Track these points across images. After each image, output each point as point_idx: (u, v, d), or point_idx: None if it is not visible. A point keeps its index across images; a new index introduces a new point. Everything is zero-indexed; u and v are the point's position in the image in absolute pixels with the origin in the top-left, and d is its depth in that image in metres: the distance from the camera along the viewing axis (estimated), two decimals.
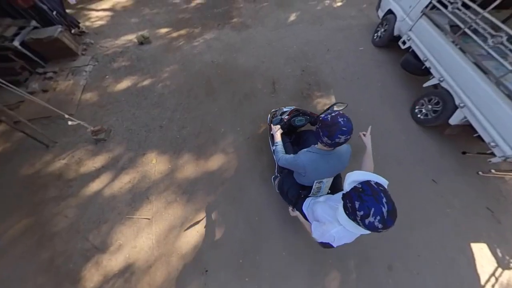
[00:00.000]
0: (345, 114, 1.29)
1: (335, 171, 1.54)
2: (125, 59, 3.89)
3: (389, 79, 3.67)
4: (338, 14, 4.93)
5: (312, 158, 1.46)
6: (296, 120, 2.10)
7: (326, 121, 1.27)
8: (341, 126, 1.22)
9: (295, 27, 4.64)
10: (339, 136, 1.24)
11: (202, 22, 4.79)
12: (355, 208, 0.94)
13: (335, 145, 1.31)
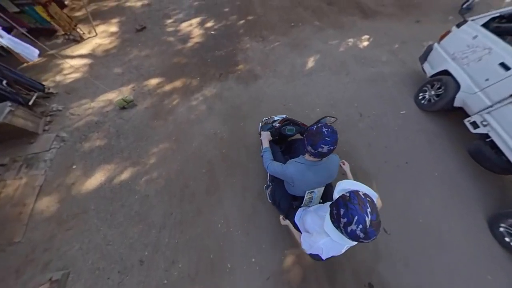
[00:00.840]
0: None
1: (323, 181, 1.53)
2: (100, 136, 3.01)
3: (449, 165, 2.77)
4: (365, 57, 4.06)
5: (300, 168, 1.45)
6: (287, 129, 2.03)
7: (311, 131, 1.30)
8: (325, 136, 1.23)
9: (315, 77, 3.77)
10: (322, 146, 1.24)
11: (200, 70, 3.93)
12: (339, 215, 0.94)
13: (319, 154, 1.30)
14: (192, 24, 4.85)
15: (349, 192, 0.98)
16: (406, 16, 4.92)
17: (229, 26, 4.76)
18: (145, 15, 4.96)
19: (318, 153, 1.27)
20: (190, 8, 5.25)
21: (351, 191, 0.98)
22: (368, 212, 0.89)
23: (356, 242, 0.96)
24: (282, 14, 4.99)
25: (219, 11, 5.13)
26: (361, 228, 0.88)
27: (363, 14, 4.99)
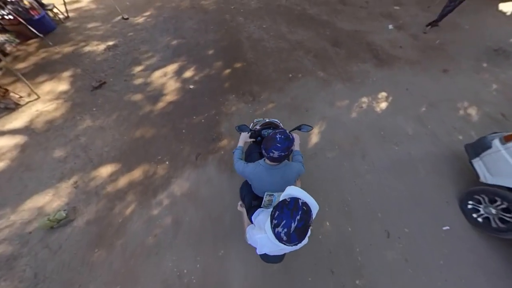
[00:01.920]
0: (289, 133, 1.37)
1: (279, 186, 1.49)
2: (8, 283, 2.07)
3: None
4: (385, 128, 3.15)
5: (257, 169, 1.49)
6: (267, 133, 1.97)
7: (268, 136, 1.36)
8: (276, 142, 1.29)
9: (320, 160, 2.85)
10: (273, 151, 1.29)
11: (171, 148, 2.97)
12: (274, 216, 0.99)
13: (271, 159, 1.34)
14: (167, 73, 3.90)
15: (291, 198, 1.01)
16: (429, 63, 4.03)
17: (213, 77, 3.82)
18: (108, 63, 4.00)
19: (271, 157, 1.33)
20: (166, 49, 4.31)
21: (293, 197, 1.02)
22: (296, 219, 0.93)
23: (281, 244, 0.98)
24: (278, 60, 4.07)
25: (201, 55, 4.20)
26: (285, 231, 0.94)
27: (377, 60, 4.09)
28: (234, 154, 1.73)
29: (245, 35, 4.59)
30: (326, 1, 5.39)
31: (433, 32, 4.62)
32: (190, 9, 5.21)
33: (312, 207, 1.01)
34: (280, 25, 4.79)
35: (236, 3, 5.40)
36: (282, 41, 4.44)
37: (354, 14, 5.06)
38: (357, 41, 4.44)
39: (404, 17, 4.96)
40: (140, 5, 5.25)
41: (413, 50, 4.27)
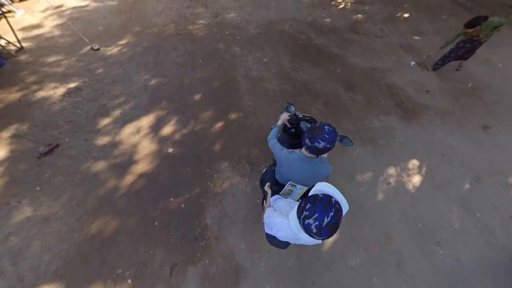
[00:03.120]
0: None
1: (306, 179, 1.52)
2: None
3: None
4: (423, 219, 2.37)
5: (291, 157, 1.49)
6: (305, 126, 1.95)
7: (314, 125, 1.35)
8: (324, 132, 1.27)
9: (340, 270, 2.09)
10: (319, 141, 1.27)
11: (137, 253, 2.13)
12: (305, 208, 0.99)
13: (314, 149, 1.32)
14: (141, 128, 3.09)
15: (324, 194, 1.00)
16: (465, 115, 3.30)
17: (199, 135, 3.03)
18: (66, 114, 3.14)
19: (314, 147, 1.30)
20: (143, 91, 3.48)
21: (326, 194, 1.01)
22: (330, 215, 0.93)
23: (308, 236, 0.99)
24: (280, 106, 3.30)
25: (185, 101, 3.40)
26: (317, 224, 0.93)
27: (401, 110, 3.36)
28: (272, 131, 1.76)
29: (241, 72, 3.80)
30: (334, 29, 4.65)
31: (463, 71, 3.93)
32: (175, 36, 4.39)
33: (343, 206, 1.00)
34: (282, 59, 4.02)
35: (232, 28, 4.60)
36: (285, 82, 3.66)
37: (368, 44, 4.33)
38: (375, 82, 3.70)
39: (427, 49, 4.24)
40: (115, 30, 4.40)
41: (443, 96, 3.56)
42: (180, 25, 4.64)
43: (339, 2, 5.36)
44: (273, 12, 4.97)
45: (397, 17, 4.97)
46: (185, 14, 4.88)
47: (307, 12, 5.04)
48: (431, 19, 4.93)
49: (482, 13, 5.13)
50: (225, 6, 5.10)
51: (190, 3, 5.19)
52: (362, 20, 4.86)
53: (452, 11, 5.12)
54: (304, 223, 0.97)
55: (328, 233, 0.94)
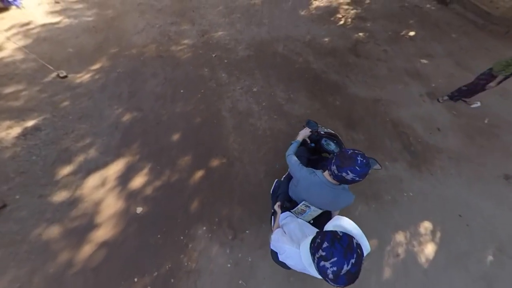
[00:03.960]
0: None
1: (323, 205, 1.44)
2: None
3: None
4: None
5: (312, 179, 1.39)
6: (326, 143, 1.88)
7: (345, 153, 1.22)
8: (356, 164, 1.15)
9: None
10: (348, 172, 1.16)
11: None
12: (321, 246, 0.88)
13: (340, 179, 1.22)
14: (107, 180, 2.63)
15: (344, 233, 0.90)
16: (483, 161, 2.86)
17: (174, 188, 2.57)
18: (18, 163, 2.64)
19: (341, 177, 1.20)
20: (113, 130, 3.02)
21: (346, 233, 0.90)
22: (351, 262, 0.82)
23: (320, 277, 0.91)
24: (272, 153, 2.86)
25: (162, 142, 2.95)
26: (334, 270, 0.83)
27: (409, 154, 2.93)
28: (291, 146, 1.71)
29: (227, 104, 3.35)
30: (333, 50, 4.20)
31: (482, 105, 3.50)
32: (156, 58, 3.93)
33: (365, 249, 0.90)
34: (275, 88, 3.57)
35: (219, 49, 4.14)
36: (278, 118, 3.22)
37: (371, 70, 3.90)
38: (378, 118, 3.27)
39: (436, 76, 3.82)
40: (88, 52, 3.93)
41: (456, 135, 3.13)
42: (163, 46, 4.17)
43: (339, 17, 4.91)
44: (265, 30, 4.51)
45: (402, 36, 4.54)
46: (169, 32, 4.42)
47: (305, 29, 4.59)
48: (440, 38, 4.50)
49: (495, 31, 4.73)
50: (213, 23, 4.64)
51: (175, 19, 4.72)
52: (364, 40, 4.42)
53: (462, 28, 4.69)
54: (319, 264, 0.87)
55: (346, 282, 0.83)
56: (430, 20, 4.94)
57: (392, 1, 5.42)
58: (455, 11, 5.13)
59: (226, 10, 4.95)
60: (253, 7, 5.00)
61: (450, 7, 5.23)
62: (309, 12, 4.93)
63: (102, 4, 4.91)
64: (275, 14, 4.87)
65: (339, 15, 5.00)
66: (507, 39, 4.47)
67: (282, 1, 5.18)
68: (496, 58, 4.29)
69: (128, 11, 4.80)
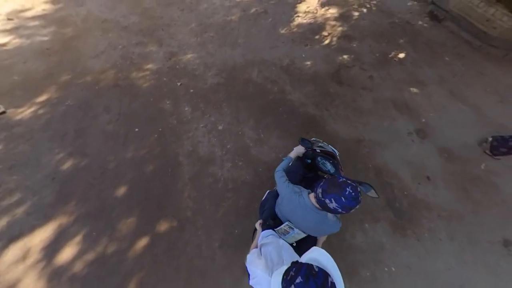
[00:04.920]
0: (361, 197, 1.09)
1: (307, 229, 1.35)
2: None
3: None
4: None
5: (296, 200, 1.32)
6: (322, 162, 1.76)
7: (336, 179, 1.15)
8: (343, 194, 1.07)
9: None
10: (332, 200, 1.10)
11: None
12: (294, 280, 0.83)
13: (322, 204, 1.15)
14: (30, 251, 2.14)
15: (320, 269, 0.86)
16: (477, 219, 2.43)
17: (110, 265, 2.10)
18: None
19: (323, 202, 1.14)
20: (49, 182, 2.52)
21: (322, 269, 0.86)
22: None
23: None
24: (232, 210, 2.42)
25: (105, 197, 2.49)
26: None
27: (393, 211, 2.48)
28: (283, 162, 1.64)
29: (187, 147, 2.91)
30: (314, 76, 3.77)
31: (477, 147, 3.09)
32: (113, 88, 3.48)
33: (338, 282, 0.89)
34: (244, 125, 3.14)
35: (186, 76, 3.70)
36: (243, 164, 2.79)
37: (354, 101, 3.47)
38: (360, 164, 2.84)
39: (427, 109, 3.40)
40: (36, 80, 3.46)
41: (448, 187, 2.70)
42: (122, 72, 3.72)
43: (324, 36, 4.48)
44: (240, 52, 4.07)
45: (390, 59, 4.12)
46: (132, 55, 3.96)
47: (284, 50, 4.15)
48: (432, 61, 4.08)
49: (492, 54, 4.33)
50: (183, 43, 4.19)
51: (141, 39, 4.26)
52: (348, 63, 3.99)
53: (457, 50, 4.28)
54: None
55: None
56: (421, 39, 4.52)
57: (381, 17, 5.00)
58: (449, 29, 4.72)
59: (199, 28, 4.50)
60: (229, 25, 4.56)
61: (443, 24, 4.82)
62: (290, 30, 4.50)
63: (61, 21, 4.46)
64: (252, 32, 4.43)
65: (324, 32, 4.57)
66: (505, 63, 4.07)
67: (262, 17, 4.75)
68: (492, 85, 3.96)
69: (90, 29, 4.34)
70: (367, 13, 5.08)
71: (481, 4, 4.47)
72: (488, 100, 3.56)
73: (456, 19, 4.73)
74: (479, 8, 4.48)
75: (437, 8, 5.05)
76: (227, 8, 4.96)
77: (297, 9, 5.02)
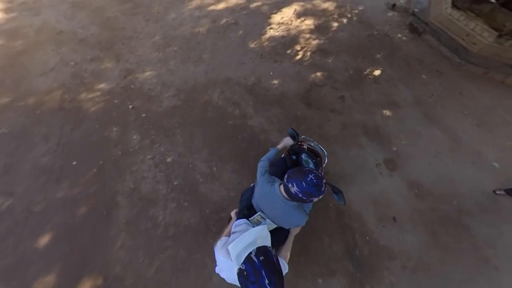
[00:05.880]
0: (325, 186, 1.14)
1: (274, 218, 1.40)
2: None
3: None
4: None
5: (267, 189, 1.36)
6: (305, 159, 1.76)
7: (303, 168, 1.20)
8: (304, 180, 1.11)
9: None
10: (294, 184, 1.13)
11: None
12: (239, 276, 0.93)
13: (286, 189, 1.19)
14: None
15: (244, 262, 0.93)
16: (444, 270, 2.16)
17: None
18: None
19: (286, 187, 1.18)
20: None
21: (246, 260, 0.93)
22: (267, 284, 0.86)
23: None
24: (167, 264, 2.09)
25: (23, 249, 2.12)
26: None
27: (352, 262, 2.21)
28: (269, 152, 1.65)
29: (128, 184, 2.59)
30: (281, 97, 3.48)
31: (446, 176, 2.83)
32: (56, 112, 3.15)
33: (264, 238, 1.04)
34: (196, 156, 2.83)
35: (140, 97, 3.38)
36: (189, 205, 2.46)
37: (321, 126, 3.19)
38: (320, 202, 2.52)
39: (399, 136, 3.14)
40: None
41: (416, 230, 2.41)
42: (70, 93, 3.38)
43: (297, 50, 4.20)
44: (203, 69, 3.76)
45: (365, 76, 3.85)
46: (84, 73, 3.63)
47: (251, 67, 3.85)
48: (408, 79, 3.83)
49: (471, 71, 4.09)
50: (143, 59, 3.87)
51: (98, 53, 3.92)
52: (320, 82, 3.72)
53: (435, 66, 4.03)
54: None
55: None
56: (399, 54, 4.27)
57: (360, 29, 4.73)
58: (429, 44, 4.47)
59: (163, 41, 4.18)
60: (196, 37, 4.25)
61: (423, 37, 4.57)
62: (260, 44, 4.20)
63: (12, 33, 4.10)
64: (220, 46, 4.12)
65: (297, 46, 4.29)
66: (484, 82, 3.83)
67: (232, 29, 4.44)
68: (470, 107, 3.70)
69: (42, 43, 3.99)
70: (347, 24, 4.81)
71: (461, 17, 4.25)
72: (465, 124, 3.32)
73: (436, 32, 4.49)
74: (460, 21, 4.26)
75: (417, 20, 4.81)
76: (196, 18, 4.65)
77: (270, 19, 4.73)
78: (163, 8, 4.80)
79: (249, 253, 0.93)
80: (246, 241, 1.00)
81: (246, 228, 1.27)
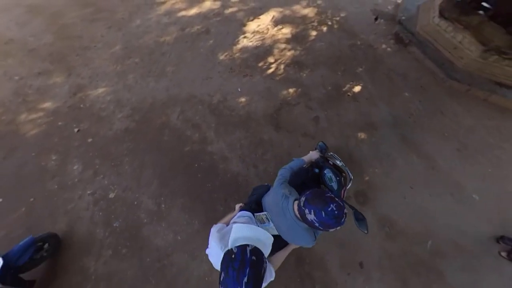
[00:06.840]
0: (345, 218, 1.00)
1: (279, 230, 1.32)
2: None
3: None
4: None
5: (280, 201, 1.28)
6: (328, 176, 1.65)
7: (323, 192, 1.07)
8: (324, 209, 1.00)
9: None
10: (311, 211, 1.03)
11: None
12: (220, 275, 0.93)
13: (301, 213, 1.09)
14: None
15: (237, 247, 0.93)
16: None
17: None
18: None
19: (302, 211, 1.08)
20: None
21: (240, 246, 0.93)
22: (243, 282, 0.86)
23: None
24: None
25: None
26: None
27: None
28: (293, 161, 1.64)
29: (59, 227, 2.22)
30: (247, 118, 3.16)
31: (420, 210, 2.57)
32: None
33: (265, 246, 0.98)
34: (144, 190, 2.49)
35: (88, 118, 3.00)
36: (127, 252, 2.13)
37: (290, 154, 2.90)
38: None
39: (373, 163, 2.86)
40: None
41: (384, 278, 2.14)
42: (8, 114, 3.00)
43: (270, 63, 3.87)
44: (165, 85, 3.41)
45: (343, 93, 3.55)
46: (29, 90, 3.24)
47: (218, 83, 3.51)
48: (390, 97, 3.55)
49: (454, 88, 3.83)
50: (98, 73, 3.49)
51: (47, 66, 3.52)
52: (292, 100, 3.41)
53: (419, 82, 3.76)
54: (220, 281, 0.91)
55: None
56: (382, 68, 3.97)
57: (341, 38, 4.42)
58: (414, 56, 4.19)
59: (123, 51, 3.80)
60: (161, 48, 3.89)
61: (409, 49, 4.29)
62: (230, 56, 3.86)
63: None
64: (186, 58, 3.77)
65: (271, 58, 3.96)
66: (467, 99, 3.58)
67: (201, 39, 4.08)
68: (451, 128, 3.43)
69: None
70: (326, 32, 4.50)
71: (449, 28, 3.98)
72: (445, 148, 3.06)
73: (422, 44, 4.21)
74: (447, 32, 3.99)
75: (403, 29, 4.52)
76: (164, 25, 4.28)
77: (245, 27, 4.39)
78: (127, 13, 4.41)
79: (247, 245, 0.93)
80: (253, 234, 0.99)
81: (249, 221, 1.31)
